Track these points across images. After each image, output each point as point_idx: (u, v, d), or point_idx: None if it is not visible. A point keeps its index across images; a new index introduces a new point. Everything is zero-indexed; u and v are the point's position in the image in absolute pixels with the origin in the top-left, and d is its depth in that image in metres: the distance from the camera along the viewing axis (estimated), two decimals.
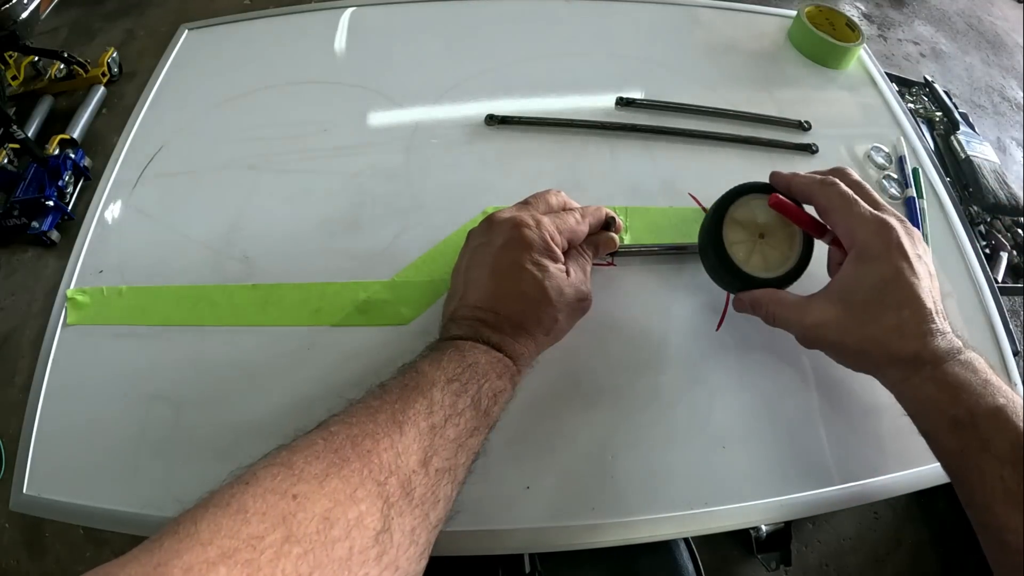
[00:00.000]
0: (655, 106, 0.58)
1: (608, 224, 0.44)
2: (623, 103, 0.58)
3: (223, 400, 0.42)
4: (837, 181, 0.38)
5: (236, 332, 0.45)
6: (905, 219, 0.37)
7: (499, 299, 0.37)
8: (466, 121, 0.57)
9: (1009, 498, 0.29)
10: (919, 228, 0.51)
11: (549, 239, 0.38)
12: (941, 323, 0.34)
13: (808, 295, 0.38)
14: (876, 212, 0.36)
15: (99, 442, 0.41)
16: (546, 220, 0.39)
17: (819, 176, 0.39)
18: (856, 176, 0.39)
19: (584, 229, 0.42)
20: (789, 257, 0.40)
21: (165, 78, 0.63)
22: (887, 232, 0.35)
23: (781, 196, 0.39)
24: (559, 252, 0.39)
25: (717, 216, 0.41)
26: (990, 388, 0.31)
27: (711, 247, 0.41)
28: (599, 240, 0.44)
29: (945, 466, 0.33)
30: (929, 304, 0.34)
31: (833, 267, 0.42)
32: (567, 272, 0.39)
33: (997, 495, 0.29)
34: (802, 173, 0.40)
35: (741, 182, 0.41)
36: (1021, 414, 0.30)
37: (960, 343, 0.34)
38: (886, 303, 0.34)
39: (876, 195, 0.38)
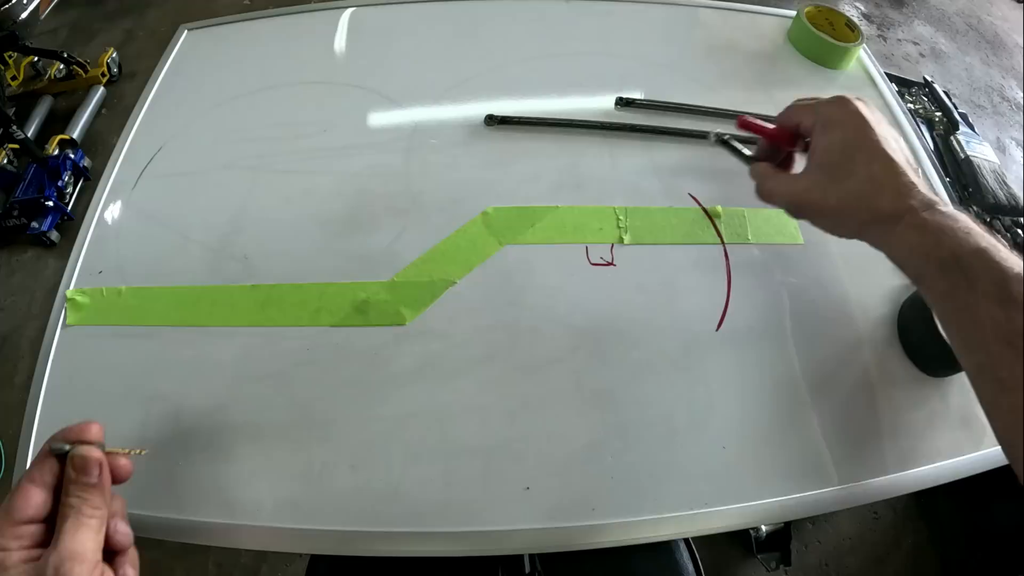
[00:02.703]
0: (655, 106, 0.58)
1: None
2: (623, 103, 0.58)
3: (223, 400, 0.42)
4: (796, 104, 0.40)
5: (236, 332, 0.45)
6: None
7: None
8: (466, 121, 0.57)
9: (1000, 335, 0.29)
10: None
11: None
12: (915, 178, 0.35)
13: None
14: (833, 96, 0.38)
15: None
16: None
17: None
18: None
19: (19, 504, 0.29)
20: None
21: (165, 78, 0.63)
22: (844, 101, 0.37)
23: (747, 118, 0.41)
24: None
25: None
26: (972, 234, 0.32)
27: (921, 321, 0.43)
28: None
29: (939, 312, 0.34)
30: (899, 159, 0.35)
31: None
32: None
33: (988, 333, 0.30)
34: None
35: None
36: (1003, 255, 0.31)
37: (938, 198, 0.34)
38: (857, 160, 0.35)
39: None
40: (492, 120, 0.56)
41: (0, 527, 0.28)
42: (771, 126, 0.41)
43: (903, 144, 0.37)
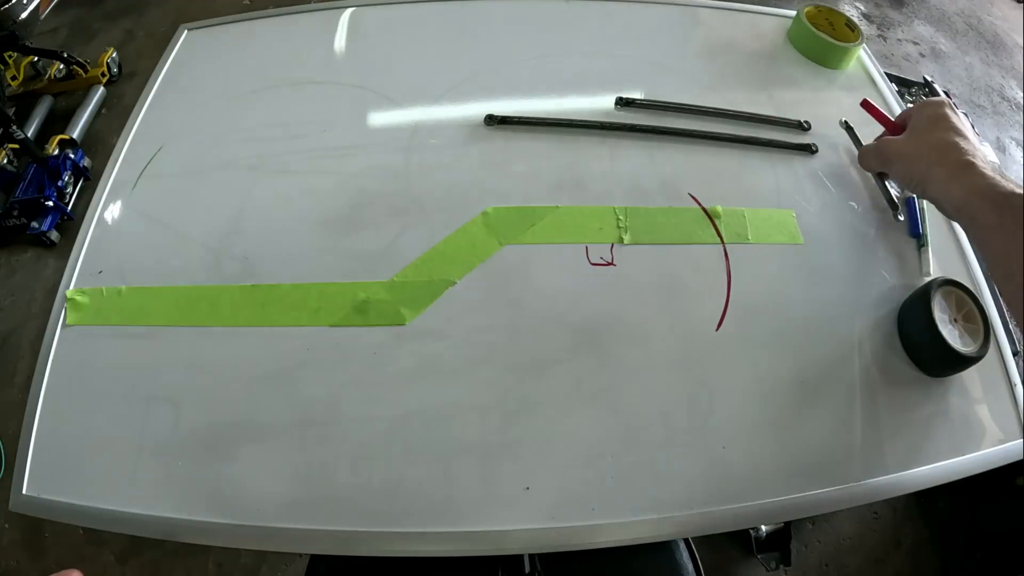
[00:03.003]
0: (655, 106, 0.58)
1: None
2: (623, 103, 0.58)
3: (223, 400, 0.42)
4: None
5: (236, 332, 0.45)
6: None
7: None
8: (466, 121, 0.57)
9: None
10: (919, 228, 0.51)
11: None
12: (981, 154, 0.43)
13: None
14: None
15: (99, 442, 0.41)
16: None
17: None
18: None
19: None
20: (978, 331, 0.44)
21: (165, 78, 0.63)
22: (938, 100, 0.47)
23: (871, 103, 0.53)
24: None
25: (925, 296, 0.44)
26: (1019, 184, 0.39)
27: (921, 321, 0.44)
28: None
29: (984, 245, 0.40)
30: (972, 139, 0.44)
31: None
32: None
33: None
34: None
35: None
36: None
37: (996, 167, 0.42)
38: (939, 127, 0.44)
39: None
40: (492, 120, 0.56)
41: None
42: (890, 117, 0.52)
43: (972, 135, 0.46)
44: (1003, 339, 0.47)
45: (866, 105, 0.53)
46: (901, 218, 0.52)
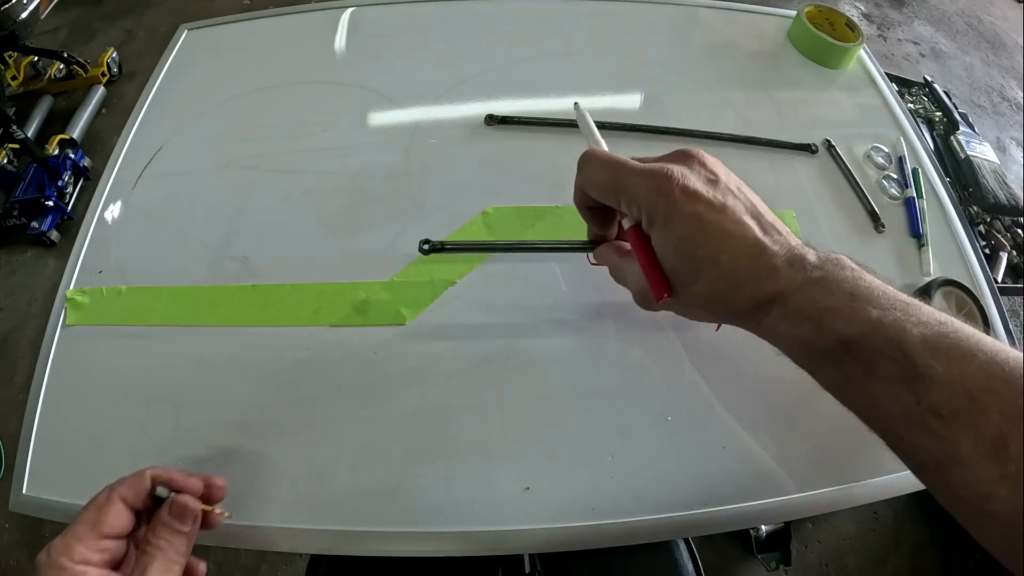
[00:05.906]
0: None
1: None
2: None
3: (223, 400, 0.42)
4: (591, 156, 0.34)
5: (236, 332, 0.45)
6: (687, 148, 0.32)
7: None
8: (466, 121, 0.57)
9: (910, 418, 0.25)
10: (919, 229, 0.51)
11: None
12: (772, 246, 0.29)
13: None
14: (646, 165, 0.32)
15: (99, 442, 0.41)
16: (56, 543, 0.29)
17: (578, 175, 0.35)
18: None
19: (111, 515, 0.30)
20: None
21: (165, 78, 0.63)
22: (665, 182, 0.30)
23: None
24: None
25: (925, 297, 0.44)
26: (858, 303, 0.27)
27: None
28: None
29: (834, 393, 0.29)
30: (749, 236, 0.29)
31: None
32: None
33: (897, 418, 0.26)
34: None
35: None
36: (900, 321, 0.26)
37: (807, 257, 0.29)
38: (699, 258, 0.29)
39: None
40: (492, 120, 0.56)
41: (87, 536, 0.29)
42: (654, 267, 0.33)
43: (750, 197, 0.31)
44: (1003, 339, 0.47)
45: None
46: (883, 229, 0.52)
